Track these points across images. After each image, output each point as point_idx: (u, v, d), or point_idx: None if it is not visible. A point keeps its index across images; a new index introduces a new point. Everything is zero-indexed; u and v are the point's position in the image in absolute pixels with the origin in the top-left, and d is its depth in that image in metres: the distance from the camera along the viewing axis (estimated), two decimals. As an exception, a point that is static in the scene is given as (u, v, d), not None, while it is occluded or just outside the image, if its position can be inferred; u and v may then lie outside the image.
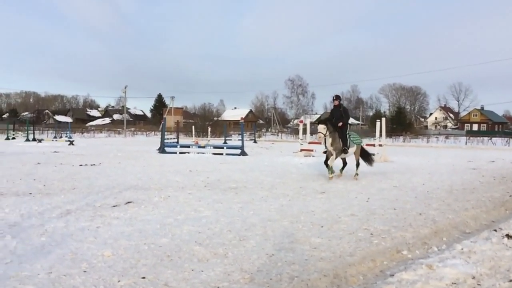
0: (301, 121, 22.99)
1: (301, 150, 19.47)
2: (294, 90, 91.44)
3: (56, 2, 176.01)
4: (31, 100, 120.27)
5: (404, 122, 71.90)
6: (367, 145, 20.29)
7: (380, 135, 17.98)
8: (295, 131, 63.31)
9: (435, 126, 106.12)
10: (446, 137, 53.79)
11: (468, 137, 48.44)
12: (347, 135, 10.87)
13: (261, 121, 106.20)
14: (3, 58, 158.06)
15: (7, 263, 4.05)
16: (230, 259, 4.30)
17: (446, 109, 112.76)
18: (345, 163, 11.83)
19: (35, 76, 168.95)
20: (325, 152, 11.16)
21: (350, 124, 11.30)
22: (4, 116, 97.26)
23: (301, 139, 20.75)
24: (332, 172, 10.84)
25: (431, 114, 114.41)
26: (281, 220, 6.11)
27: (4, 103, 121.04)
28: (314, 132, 23.41)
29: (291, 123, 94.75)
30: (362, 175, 11.77)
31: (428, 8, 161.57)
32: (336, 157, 10.80)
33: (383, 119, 18.21)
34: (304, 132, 21.49)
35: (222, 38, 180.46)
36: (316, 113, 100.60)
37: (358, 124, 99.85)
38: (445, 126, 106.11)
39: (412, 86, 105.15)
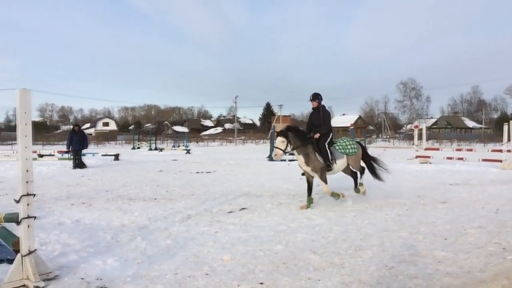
0: (416, 126, 21.76)
1: (417, 156, 18.41)
2: (406, 93, 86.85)
3: (175, 21, 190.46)
4: (152, 113, 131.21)
5: (536, 125, 64.23)
6: (492, 150, 18.50)
7: (508, 139, 16.23)
8: (408, 137, 60.32)
9: None
10: None
11: None
12: (327, 146, 7.93)
13: (371, 127, 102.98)
14: (130, 75, 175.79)
15: (138, 263, 4.42)
16: (347, 269, 4.18)
17: None
18: (356, 175, 8.72)
19: (156, 90, 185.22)
20: (303, 174, 8.39)
21: (331, 132, 8.19)
22: (130, 127, 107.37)
23: (417, 145, 19.63)
24: (337, 195, 8.02)
25: None
26: (399, 231, 5.79)
27: (130, 115, 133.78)
28: (431, 137, 21.85)
29: (403, 128, 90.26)
30: (489, 183, 10.72)
31: None
32: (323, 177, 7.92)
33: (511, 122, 16.43)
34: (420, 137, 20.29)
35: (329, 45, 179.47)
36: (431, 117, 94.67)
37: (481, 128, 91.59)
38: None
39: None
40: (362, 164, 8.70)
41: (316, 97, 8.27)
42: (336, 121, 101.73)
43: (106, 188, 10.58)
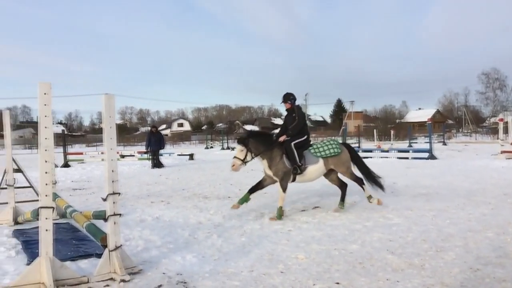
0: (501, 120, 20.29)
1: (502, 152, 17.15)
2: (489, 84, 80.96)
3: (243, 21, 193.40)
4: (224, 112, 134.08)
5: None
6: None
7: None
8: (492, 131, 56.33)
9: None
10: None
11: None
12: (292, 145, 6.97)
13: (450, 121, 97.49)
14: (203, 77, 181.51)
15: (215, 259, 4.55)
16: (428, 271, 3.99)
17: None
18: (343, 188, 7.40)
19: (227, 91, 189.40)
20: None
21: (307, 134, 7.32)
22: (203, 127, 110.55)
23: (502, 140, 18.30)
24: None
25: None
26: (484, 231, 5.44)
27: (203, 116, 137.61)
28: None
29: (486, 122, 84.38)
30: None
31: None
32: (283, 184, 6.88)
33: None
34: (506, 131, 18.90)
35: (404, 37, 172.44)
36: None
37: None
38: None
39: None
40: (358, 173, 7.42)
41: (288, 98, 7.38)
42: (411, 116, 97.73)
43: (182, 187, 11.02)
